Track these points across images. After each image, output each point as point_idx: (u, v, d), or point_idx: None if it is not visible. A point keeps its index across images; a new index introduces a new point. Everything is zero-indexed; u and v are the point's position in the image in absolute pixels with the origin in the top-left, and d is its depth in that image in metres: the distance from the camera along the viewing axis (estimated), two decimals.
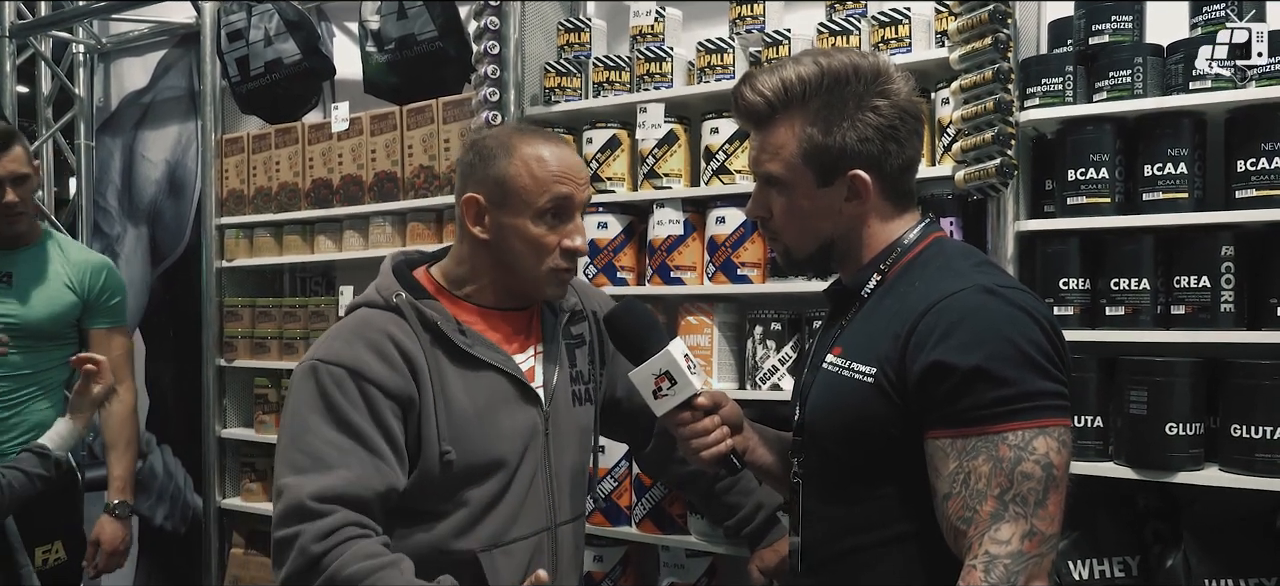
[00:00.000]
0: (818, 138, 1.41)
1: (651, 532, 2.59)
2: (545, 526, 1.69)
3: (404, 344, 1.56)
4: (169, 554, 4.04)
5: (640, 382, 1.56)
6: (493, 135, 1.66)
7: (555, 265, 1.63)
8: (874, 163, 1.42)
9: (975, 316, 1.30)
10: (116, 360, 2.73)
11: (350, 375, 1.52)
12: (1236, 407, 1.98)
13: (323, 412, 1.52)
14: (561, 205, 1.61)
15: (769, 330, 2.47)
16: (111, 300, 2.85)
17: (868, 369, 1.38)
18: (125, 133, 4.18)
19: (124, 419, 2.83)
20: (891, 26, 2.36)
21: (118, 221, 4.19)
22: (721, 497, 2.02)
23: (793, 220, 1.47)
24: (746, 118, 1.48)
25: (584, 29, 2.83)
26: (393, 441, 1.54)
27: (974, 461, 1.28)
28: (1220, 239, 2.02)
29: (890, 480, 1.39)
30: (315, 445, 1.51)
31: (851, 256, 1.49)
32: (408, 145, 3.09)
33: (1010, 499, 1.26)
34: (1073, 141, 2.14)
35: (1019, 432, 1.27)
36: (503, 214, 1.61)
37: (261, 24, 3.31)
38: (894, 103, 1.42)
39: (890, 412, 1.35)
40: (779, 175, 1.45)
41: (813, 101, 1.41)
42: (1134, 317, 2.08)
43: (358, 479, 1.49)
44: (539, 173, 1.60)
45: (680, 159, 2.65)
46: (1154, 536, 2.12)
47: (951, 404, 1.29)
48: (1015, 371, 1.27)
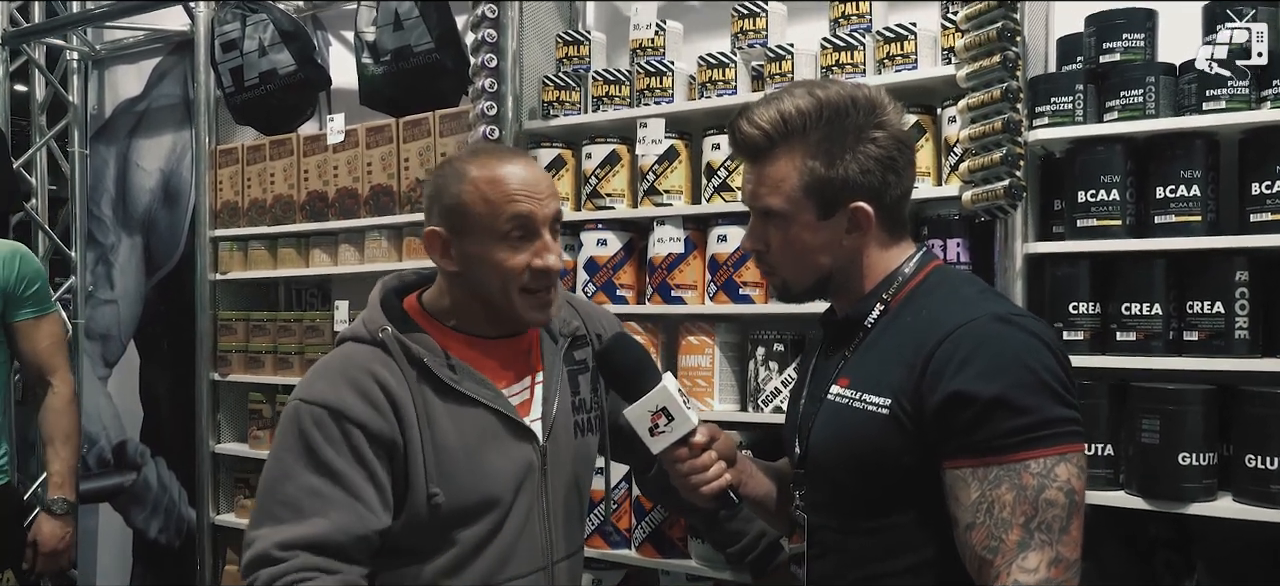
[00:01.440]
0: (820, 170, 1.40)
1: (651, 556, 2.55)
2: (540, 566, 1.64)
3: (388, 383, 1.52)
4: (163, 568, 3.99)
5: (636, 420, 1.53)
6: (448, 162, 1.59)
7: (526, 286, 1.56)
8: (875, 194, 1.42)
9: (992, 345, 1.31)
10: (47, 349, 2.61)
11: (331, 416, 1.49)
12: (1251, 437, 1.93)
13: (302, 456, 1.48)
14: (523, 224, 1.53)
15: (772, 351, 2.42)
16: (31, 287, 2.60)
17: (881, 400, 1.37)
18: (119, 140, 4.13)
19: (60, 411, 2.64)
20: (897, 42, 2.31)
21: (112, 230, 4.14)
22: (724, 524, 1.98)
23: (791, 253, 1.46)
24: (744, 151, 1.47)
25: (583, 42, 2.78)
26: (376, 482, 1.50)
27: (997, 490, 1.28)
28: (1234, 263, 1.97)
29: (904, 509, 1.38)
30: (292, 494, 1.47)
31: (849, 287, 1.48)
32: (404, 158, 3.04)
33: (1036, 527, 1.27)
34: (1083, 162, 2.10)
35: (1041, 460, 1.27)
36: (466, 242, 1.54)
37: (256, 34, 3.26)
38: (891, 134, 1.42)
39: (905, 443, 1.35)
40: (779, 208, 1.43)
41: (813, 134, 1.41)
42: (1145, 343, 2.03)
43: (334, 526, 1.45)
44: (492, 194, 1.52)
45: (681, 175, 2.60)
46: (1165, 566, 2.08)
47: (972, 433, 1.29)
48: (1035, 399, 1.28)
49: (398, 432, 1.51)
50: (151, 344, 4.05)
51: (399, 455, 1.52)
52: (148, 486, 4.02)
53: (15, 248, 2.63)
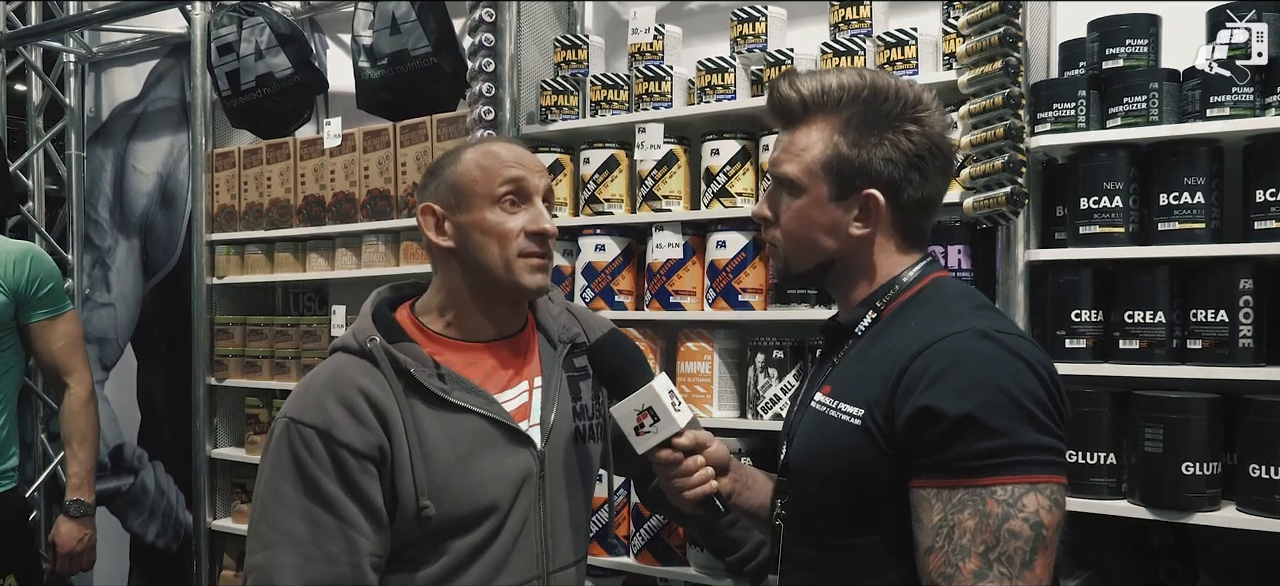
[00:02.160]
0: (843, 148, 1.37)
1: (650, 563, 2.53)
2: (535, 575, 1.62)
3: (376, 396, 1.51)
4: (161, 572, 3.97)
5: (621, 418, 1.52)
6: (445, 152, 1.68)
7: (524, 248, 1.57)
8: (892, 188, 1.37)
9: (969, 361, 1.24)
10: (63, 349, 2.58)
11: (320, 437, 1.48)
12: (1255, 446, 1.91)
13: (294, 480, 1.48)
14: (517, 188, 1.57)
15: (771, 358, 2.40)
16: (44, 288, 2.56)
17: (856, 411, 1.32)
18: (116, 143, 4.12)
19: (76, 413, 2.59)
20: (897, 47, 2.29)
21: (109, 233, 4.13)
22: (724, 532, 1.96)
23: (796, 227, 1.41)
24: (777, 114, 1.44)
25: (581, 46, 2.76)
26: (369, 507, 1.49)
27: (959, 515, 1.22)
28: (1238, 271, 1.96)
29: (876, 529, 1.32)
30: (285, 519, 1.47)
31: (848, 283, 1.43)
32: (401, 162, 3.02)
33: (995, 557, 1.20)
34: (1085, 168, 2.08)
35: (1008, 488, 1.20)
36: (460, 214, 1.58)
37: (252, 37, 3.24)
38: (926, 132, 1.37)
39: (878, 458, 1.29)
40: (795, 178, 1.39)
41: (847, 110, 1.37)
42: (1149, 352, 2.01)
43: (328, 558, 1.46)
44: (487, 163, 1.58)
45: (680, 180, 2.58)
46: (1168, 576, 2.07)
47: (939, 452, 1.23)
48: (1008, 422, 1.21)
49: (386, 444, 1.50)
50: (149, 347, 4.03)
51: (387, 468, 1.51)
52: (145, 490, 4.00)
53: (27, 248, 2.58)
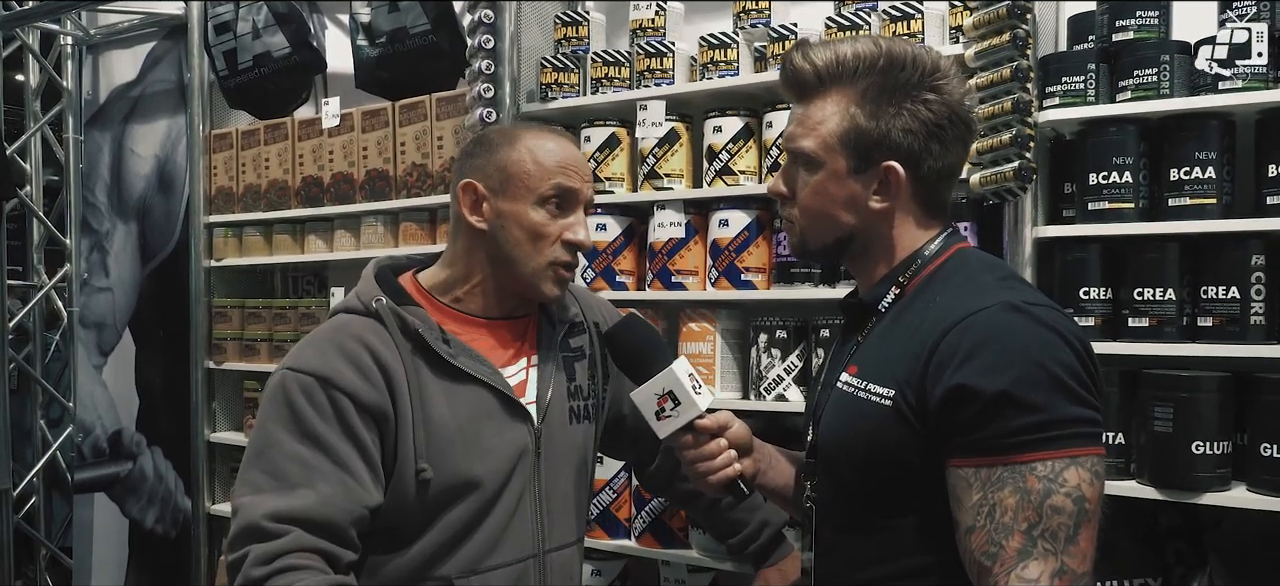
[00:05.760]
0: (861, 120, 1.33)
1: (651, 546, 2.50)
2: (531, 553, 1.59)
3: (381, 353, 1.48)
4: (159, 558, 3.95)
5: (642, 403, 1.49)
6: (496, 128, 1.62)
7: (555, 258, 1.56)
8: (912, 159, 1.34)
9: (1002, 337, 1.22)
10: None
11: (320, 384, 1.44)
12: (1266, 425, 1.89)
13: (289, 425, 1.44)
14: (565, 195, 1.56)
15: (774, 338, 2.37)
16: None
17: (885, 391, 1.30)
18: (114, 126, 4.08)
19: None
20: (903, 21, 2.26)
21: (107, 217, 4.10)
22: (726, 514, 1.94)
23: (815, 203, 1.38)
24: (791, 87, 1.40)
25: (582, 22, 2.73)
26: (365, 454, 1.45)
27: (1000, 493, 1.20)
28: (1250, 247, 1.93)
29: (909, 510, 1.31)
30: (278, 462, 1.42)
31: (868, 258, 1.40)
32: (400, 142, 2.99)
33: (1039, 534, 1.19)
34: (1094, 143, 2.05)
35: (1048, 463, 1.19)
36: (502, 200, 1.55)
37: (249, 16, 3.21)
38: (945, 101, 1.34)
39: (909, 438, 1.27)
40: (812, 152, 1.36)
41: (863, 80, 1.34)
42: (1158, 330, 1.98)
43: (323, 500, 1.40)
44: (544, 159, 1.55)
45: (682, 159, 2.55)
46: (1176, 557, 2.04)
47: (976, 431, 1.21)
48: (1045, 397, 1.19)
49: (388, 403, 1.47)
50: (147, 331, 4.00)
51: (390, 426, 1.48)
52: (144, 476, 3.97)
53: None
